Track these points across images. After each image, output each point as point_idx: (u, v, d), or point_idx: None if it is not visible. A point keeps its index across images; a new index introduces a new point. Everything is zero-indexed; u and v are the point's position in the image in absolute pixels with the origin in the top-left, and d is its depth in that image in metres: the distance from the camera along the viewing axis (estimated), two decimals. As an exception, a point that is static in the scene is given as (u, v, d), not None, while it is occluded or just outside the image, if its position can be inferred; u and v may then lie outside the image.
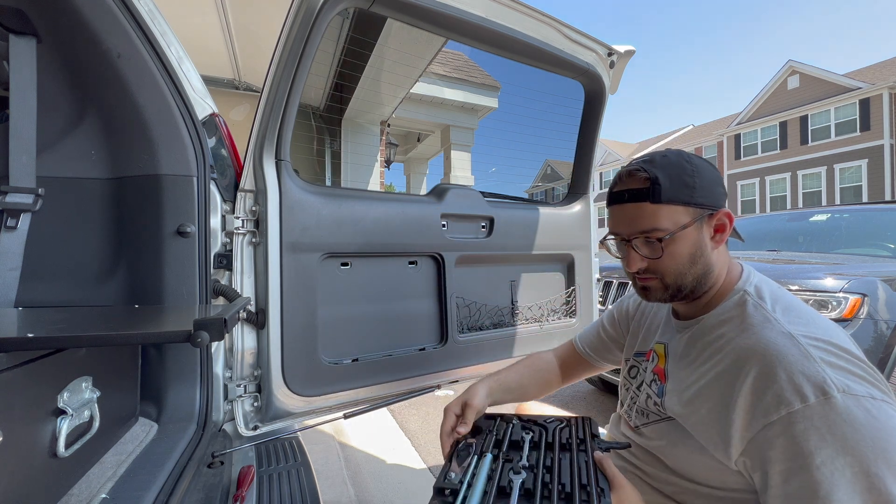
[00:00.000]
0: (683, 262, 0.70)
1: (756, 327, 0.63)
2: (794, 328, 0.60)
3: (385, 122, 4.96)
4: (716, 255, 0.72)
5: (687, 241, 0.70)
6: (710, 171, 0.71)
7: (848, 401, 0.52)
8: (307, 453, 1.07)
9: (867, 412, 0.51)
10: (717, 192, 0.71)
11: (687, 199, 0.69)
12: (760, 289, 0.70)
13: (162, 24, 0.94)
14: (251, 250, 1.08)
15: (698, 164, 0.71)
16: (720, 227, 0.71)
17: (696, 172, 0.69)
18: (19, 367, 0.57)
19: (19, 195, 0.84)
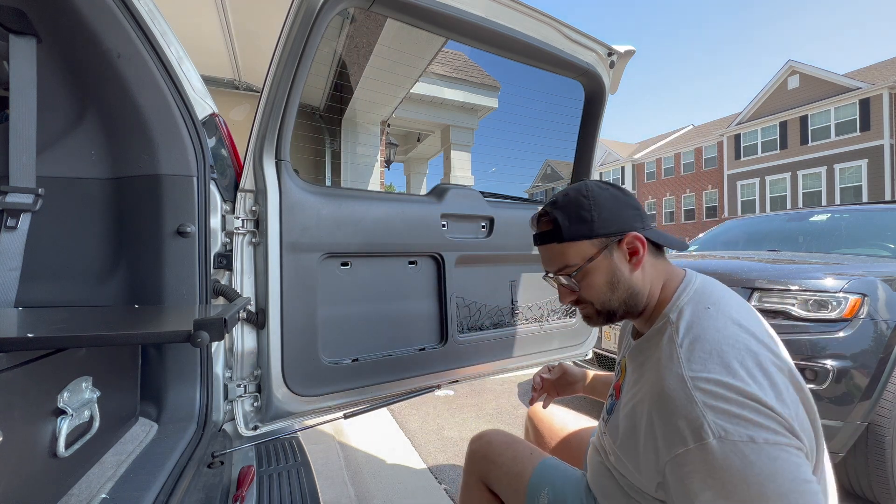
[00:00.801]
0: (602, 289, 0.74)
1: (661, 365, 0.64)
2: (690, 368, 0.60)
3: (385, 122, 4.96)
4: (640, 276, 0.74)
5: (599, 270, 0.73)
6: (612, 200, 0.73)
7: (724, 446, 0.53)
8: (307, 453, 1.07)
9: (743, 457, 0.52)
10: (622, 217, 0.73)
11: (587, 232, 0.73)
12: (683, 312, 0.69)
13: (162, 24, 0.94)
14: (251, 250, 1.08)
15: (597, 195, 0.73)
16: (633, 250, 0.72)
17: (594, 205, 0.73)
18: (19, 367, 0.57)
19: (19, 195, 0.84)
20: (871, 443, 1.67)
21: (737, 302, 0.71)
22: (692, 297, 0.72)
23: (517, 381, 3.50)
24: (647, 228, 0.74)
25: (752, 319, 0.67)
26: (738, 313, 0.67)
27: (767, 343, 0.63)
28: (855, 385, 1.64)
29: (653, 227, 0.75)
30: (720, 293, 0.72)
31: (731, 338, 0.62)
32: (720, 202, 22.65)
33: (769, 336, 0.66)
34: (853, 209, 3.11)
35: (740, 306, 0.70)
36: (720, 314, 0.66)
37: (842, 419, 1.64)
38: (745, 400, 0.55)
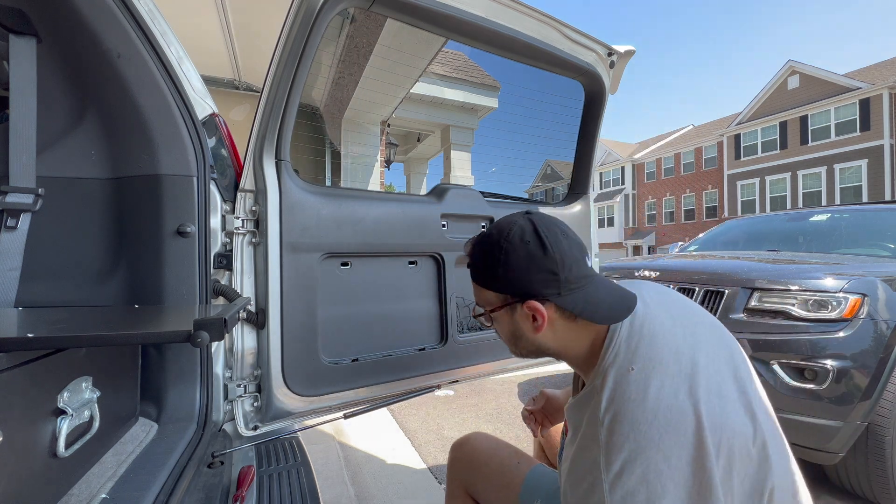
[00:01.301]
0: (508, 338, 0.73)
1: (585, 446, 0.61)
2: (608, 468, 0.56)
3: (385, 122, 4.96)
4: (549, 337, 0.69)
5: (503, 321, 0.71)
6: (525, 260, 0.66)
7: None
8: (307, 453, 1.07)
9: None
10: (530, 281, 0.66)
11: (490, 285, 0.70)
12: (606, 379, 0.62)
13: (162, 24, 0.94)
14: (251, 250, 1.08)
15: (511, 251, 0.66)
16: (533, 316, 0.66)
17: (504, 262, 0.67)
18: (19, 367, 0.57)
19: (19, 195, 0.84)
20: (871, 443, 1.67)
21: (671, 348, 0.62)
22: (616, 355, 0.64)
23: (517, 381, 3.50)
24: (564, 294, 0.65)
25: (680, 367, 0.60)
26: (666, 365, 0.60)
27: (698, 396, 0.57)
28: (855, 385, 1.64)
29: (578, 290, 0.66)
30: (650, 339, 0.64)
31: (650, 413, 0.56)
32: (720, 202, 22.65)
33: (710, 381, 0.59)
34: (853, 209, 3.11)
35: (674, 348, 0.62)
36: (643, 376, 0.60)
37: (842, 419, 1.64)
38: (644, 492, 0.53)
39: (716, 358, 0.64)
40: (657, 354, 0.62)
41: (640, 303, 0.68)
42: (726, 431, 0.56)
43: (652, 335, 0.64)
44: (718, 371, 0.62)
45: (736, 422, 0.58)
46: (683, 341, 0.64)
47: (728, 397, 0.60)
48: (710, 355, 0.63)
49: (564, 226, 0.71)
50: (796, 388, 1.71)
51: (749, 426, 0.59)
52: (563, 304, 0.66)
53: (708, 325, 0.70)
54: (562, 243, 0.67)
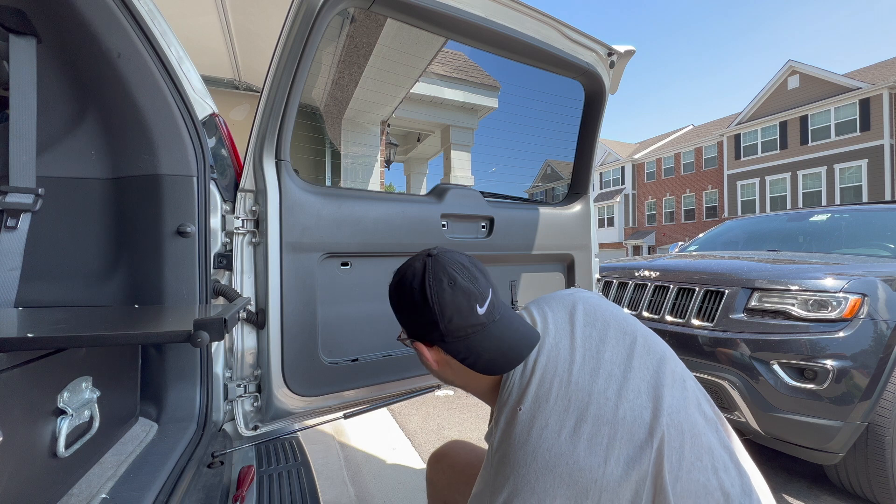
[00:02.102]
0: (424, 365, 0.73)
1: (479, 481, 0.64)
2: (491, 498, 0.59)
3: (385, 122, 4.96)
4: (448, 373, 0.71)
5: (417, 351, 0.72)
6: (408, 306, 0.69)
7: None
8: (307, 453, 1.07)
9: None
10: (415, 326, 0.69)
11: (398, 318, 0.73)
12: (499, 421, 0.65)
13: (162, 24, 0.94)
14: (251, 250, 1.08)
15: (400, 295, 0.70)
16: (426, 354, 0.70)
17: (396, 303, 0.71)
18: (19, 367, 0.57)
19: (19, 195, 0.84)
20: (871, 443, 1.67)
21: (560, 385, 0.62)
22: (510, 394, 0.65)
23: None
24: (446, 342, 0.66)
25: (569, 402, 0.60)
26: (554, 402, 0.61)
27: (581, 434, 0.57)
28: (855, 385, 1.64)
29: (460, 338, 0.66)
30: (541, 377, 0.64)
31: (530, 456, 0.58)
32: (720, 202, 22.65)
33: (591, 455, 0.57)
34: (853, 209, 3.11)
35: (566, 381, 0.62)
36: (529, 416, 0.61)
37: (842, 419, 1.64)
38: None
39: (625, 378, 0.63)
40: (546, 392, 0.62)
41: (547, 336, 0.68)
42: (600, 474, 0.55)
43: (544, 372, 0.64)
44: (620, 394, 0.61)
45: (614, 461, 0.56)
46: (581, 372, 0.63)
47: (619, 427, 0.58)
48: (612, 377, 0.62)
49: (462, 270, 0.68)
50: (796, 388, 1.71)
51: (638, 460, 0.56)
52: (447, 349, 0.67)
53: (629, 344, 0.67)
54: (444, 294, 0.65)
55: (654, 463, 0.56)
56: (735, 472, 0.59)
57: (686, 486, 0.56)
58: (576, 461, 0.56)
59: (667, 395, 0.61)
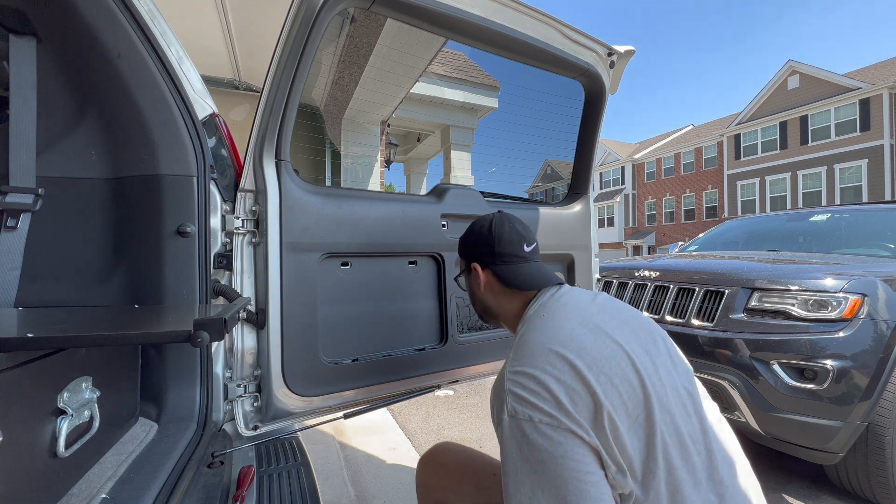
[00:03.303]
0: (469, 296, 1.00)
1: (501, 370, 0.76)
2: (510, 364, 0.71)
3: (385, 122, 4.96)
4: (490, 297, 0.92)
5: (466, 282, 0.98)
6: (476, 236, 0.94)
7: (512, 422, 0.65)
8: (307, 453, 1.07)
9: (522, 434, 0.64)
10: (475, 252, 0.93)
11: (461, 253, 0.99)
12: (525, 322, 0.81)
13: (162, 24, 0.94)
14: (251, 250, 1.08)
15: (472, 231, 0.96)
16: (475, 276, 0.92)
17: (467, 237, 0.97)
18: (19, 367, 0.57)
19: (19, 195, 0.84)
20: (871, 443, 1.67)
21: (577, 309, 0.78)
22: (536, 308, 0.82)
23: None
24: (497, 264, 0.89)
25: (582, 327, 0.73)
26: (569, 320, 0.75)
27: (585, 346, 0.69)
28: (855, 385, 1.64)
29: (508, 264, 0.89)
30: (563, 302, 0.80)
31: (548, 339, 0.71)
32: (720, 202, 22.65)
33: (597, 343, 0.71)
34: (853, 209, 3.11)
35: (579, 313, 0.77)
36: (549, 319, 0.76)
37: (842, 419, 1.64)
38: (535, 387, 0.65)
39: (625, 334, 0.75)
40: (564, 310, 0.78)
41: (569, 289, 0.86)
42: (605, 362, 0.68)
43: (566, 303, 0.81)
44: (619, 339, 0.73)
45: (619, 364, 0.68)
46: (594, 314, 0.77)
47: (623, 350, 0.71)
48: (616, 330, 0.75)
49: (519, 223, 0.95)
50: (796, 388, 1.71)
51: (634, 376, 0.68)
52: (495, 271, 0.90)
53: (638, 325, 0.79)
54: (504, 229, 0.91)
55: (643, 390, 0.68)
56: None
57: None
58: (583, 349, 0.69)
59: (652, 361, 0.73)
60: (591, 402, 0.63)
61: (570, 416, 0.62)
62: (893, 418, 1.67)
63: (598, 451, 0.61)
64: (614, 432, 0.62)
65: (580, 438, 0.61)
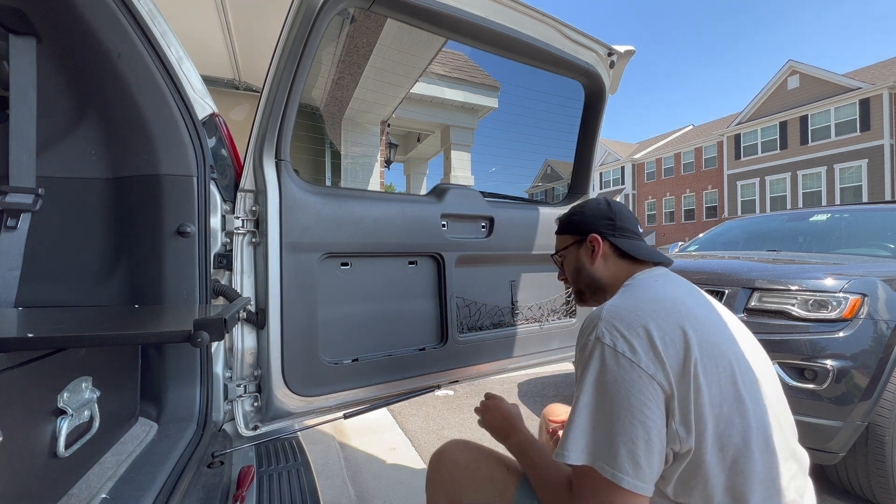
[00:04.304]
0: (572, 273, 1.00)
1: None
2: (608, 304, 0.78)
3: (385, 122, 4.96)
4: (601, 268, 0.94)
5: (570, 258, 1.00)
6: (594, 210, 0.97)
7: (596, 345, 0.71)
8: (307, 453, 1.07)
9: (602, 358, 0.70)
10: (594, 224, 0.95)
11: (568, 230, 1.00)
12: (623, 287, 0.87)
13: (162, 24, 0.94)
14: (251, 250, 1.08)
15: (586, 207, 0.99)
16: (593, 247, 0.94)
17: (582, 212, 0.99)
18: (19, 367, 0.57)
19: (19, 195, 0.84)
20: (871, 443, 1.67)
21: (689, 286, 0.85)
22: (649, 274, 0.87)
23: (517, 382, 3.50)
24: (616, 237, 0.93)
25: (692, 299, 0.79)
26: (681, 290, 0.81)
27: (694, 311, 0.74)
28: (855, 385, 1.64)
29: (626, 238, 0.93)
30: (674, 277, 0.87)
31: (660, 295, 0.78)
32: (720, 202, 22.65)
33: (704, 312, 0.76)
34: (853, 209, 3.11)
35: (691, 288, 0.84)
36: (663, 283, 0.83)
37: (842, 419, 1.64)
38: (631, 322, 0.70)
39: (711, 321, 0.77)
40: (678, 283, 0.85)
41: (682, 280, 0.88)
42: (707, 329, 0.71)
43: (666, 277, 0.86)
44: (709, 325, 0.75)
45: (719, 342, 0.72)
46: (701, 294, 0.83)
47: (712, 332, 0.73)
48: (708, 315, 0.77)
49: (627, 209, 1.00)
50: (796, 388, 1.71)
51: (730, 359, 0.71)
52: (615, 242, 0.93)
53: (718, 312, 0.82)
54: (622, 208, 0.98)
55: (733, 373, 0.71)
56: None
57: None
58: (691, 308, 0.74)
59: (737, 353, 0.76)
60: (684, 352, 0.67)
61: (656, 355, 0.67)
62: (893, 418, 1.67)
63: (672, 397, 0.66)
64: (697, 390, 0.66)
65: (654, 380, 0.66)
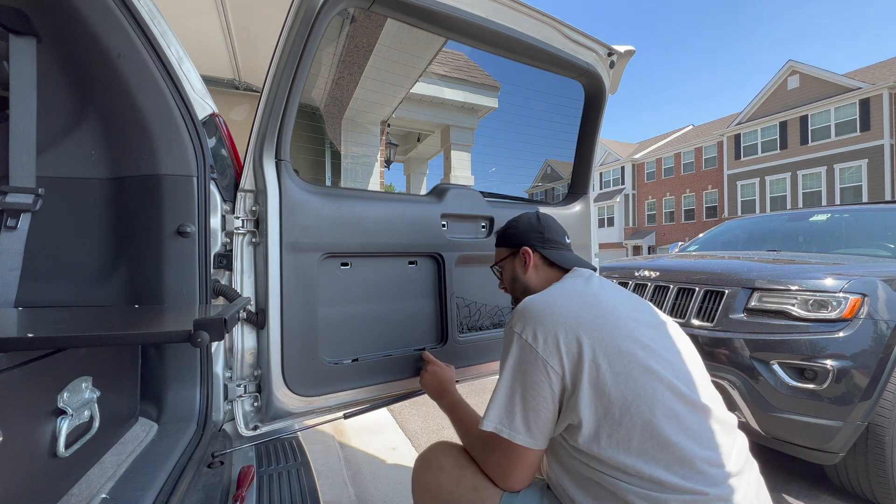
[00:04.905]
0: (509, 281, 1.14)
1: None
2: (537, 297, 0.91)
3: (385, 122, 4.96)
4: (533, 277, 1.07)
5: (507, 268, 1.13)
6: (525, 225, 1.11)
7: (511, 333, 0.87)
8: (307, 453, 1.07)
9: (513, 340, 0.86)
10: (526, 237, 1.08)
11: (504, 242, 1.14)
12: (553, 285, 0.99)
13: (162, 24, 0.94)
14: (251, 250, 1.08)
15: (519, 221, 1.13)
16: (525, 260, 1.07)
17: (515, 226, 1.12)
18: (19, 367, 0.57)
19: (19, 195, 0.84)
20: (871, 443, 1.67)
21: (600, 286, 0.95)
22: (570, 277, 1.00)
23: (517, 381, 3.49)
24: (546, 248, 1.07)
25: (596, 294, 0.90)
26: (584, 287, 0.93)
27: (596, 304, 0.86)
28: (855, 385, 1.64)
29: (554, 249, 1.07)
30: (593, 280, 0.97)
31: (566, 291, 0.92)
32: (720, 202, 22.65)
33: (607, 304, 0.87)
34: (853, 209, 3.11)
35: (602, 286, 0.94)
36: (575, 281, 0.96)
37: (842, 419, 1.64)
38: (541, 317, 0.84)
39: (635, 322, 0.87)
40: (590, 283, 0.95)
41: (598, 279, 0.99)
42: (604, 327, 0.82)
43: (581, 276, 0.99)
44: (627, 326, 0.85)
45: (618, 323, 0.83)
46: (611, 292, 0.94)
47: (628, 313, 0.87)
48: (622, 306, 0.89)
49: (556, 220, 1.14)
50: (796, 388, 1.71)
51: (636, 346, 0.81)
52: (544, 253, 1.07)
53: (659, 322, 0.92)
54: (550, 221, 1.12)
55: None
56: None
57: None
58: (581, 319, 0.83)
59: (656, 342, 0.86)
60: (578, 341, 0.80)
61: (555, 344, 0.80)
62: (893, 418, 1.67)
63: (564, 377, 0.80)
64: (594, 371, 0.78)
65: (550, 367, 0.80)
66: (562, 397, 0.81)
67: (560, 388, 0.80)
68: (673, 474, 0.72)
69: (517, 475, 0.85)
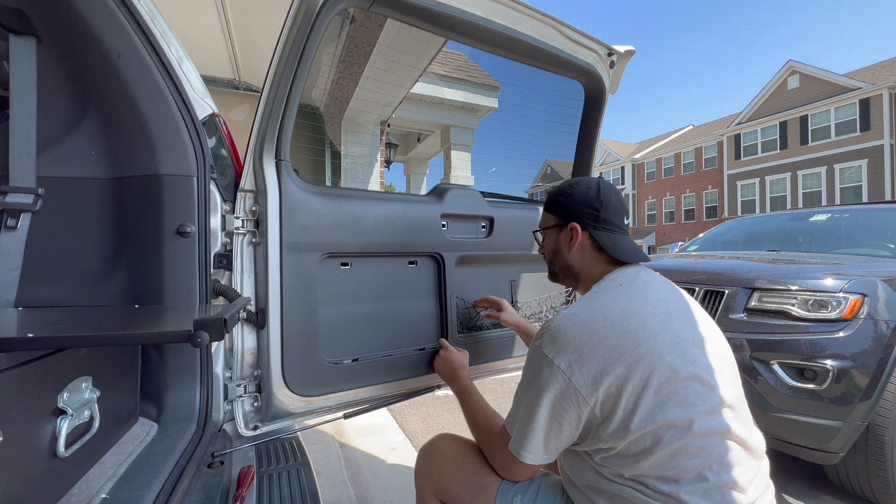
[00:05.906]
0: (550, 253, 1.02)
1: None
2: (569, 312, 0.82)
3: (385, 122, 4.96)
4: (576, 257, 0.96)
5: (550, 238, 1.01)
6: (581, 195, 0.95)
7: (539, 351, 0.81)
8: (307, 453, 1.07)
9: (531, 355, 0.84)
10: (578, 212, 0.94)
11: (553, 209, 1.00)
12: (593, 289, 0.89)
13: (162, 24, 0.94)
14: (251, 250, 1.08)
15: (574, 189, 0.96)
16: (572, 235, 0.95)
17: (569, 194, 0.96)
18: (19, 367, 0.57)
19: (19, 195, 0.84)
20: (871, 443, 1.67)
21: (645, 293, 0.85)
22: (620, 278, 0.89)
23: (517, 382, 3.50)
24: (598, 229, 0.93)
25: (638, 307, 0.81)
26: (635, 306, 0.82)
27: (641, 331, 0.76)
28: (855, 385, 1.64)
29: (608, 232, 0.93)
30: (638, 282, 0.88)
31: (610, 312, 0.80)
32: (720, 202, 22.65)
33: (652, 328, 0.78)
34: (853, 209, 3.11)
35: (647, 295, 0.85)
36: (619, 290, 0.85)
37: (842, 419, 1.64)
38: (575, 341, 0.77)
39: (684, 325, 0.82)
40: (645, 290, 0.87)
41: (651, 272, 0.93)
42: (651, 346, 0.75)
43: (647, 283, 0.89)
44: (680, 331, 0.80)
45: (662, 349, 0.75)
46: (667, 302, 0.86)
47: (673, 336, 0.78)
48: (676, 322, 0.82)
49: (619, 193, 0.98)
50: (796, 388, 1.71)
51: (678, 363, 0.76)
52: (595, 235, 0.93)
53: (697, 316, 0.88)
54: (610, 197, 0.94)
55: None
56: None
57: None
58: (643, 323, 0.78)
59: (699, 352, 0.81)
60: (617, 386, 0.73)
61: (591, 383, 0.74)
62: (893, 418, 1.67)
63: (595, 409, 0.75)
64: (629, 402, 0.73)
65: (582, 398, 0.74)
66: (590, 424, 0.77)
67: (589, 417, 0.76)
68: (692, 494, 0.71)
69: (519, 475, 0.87)
